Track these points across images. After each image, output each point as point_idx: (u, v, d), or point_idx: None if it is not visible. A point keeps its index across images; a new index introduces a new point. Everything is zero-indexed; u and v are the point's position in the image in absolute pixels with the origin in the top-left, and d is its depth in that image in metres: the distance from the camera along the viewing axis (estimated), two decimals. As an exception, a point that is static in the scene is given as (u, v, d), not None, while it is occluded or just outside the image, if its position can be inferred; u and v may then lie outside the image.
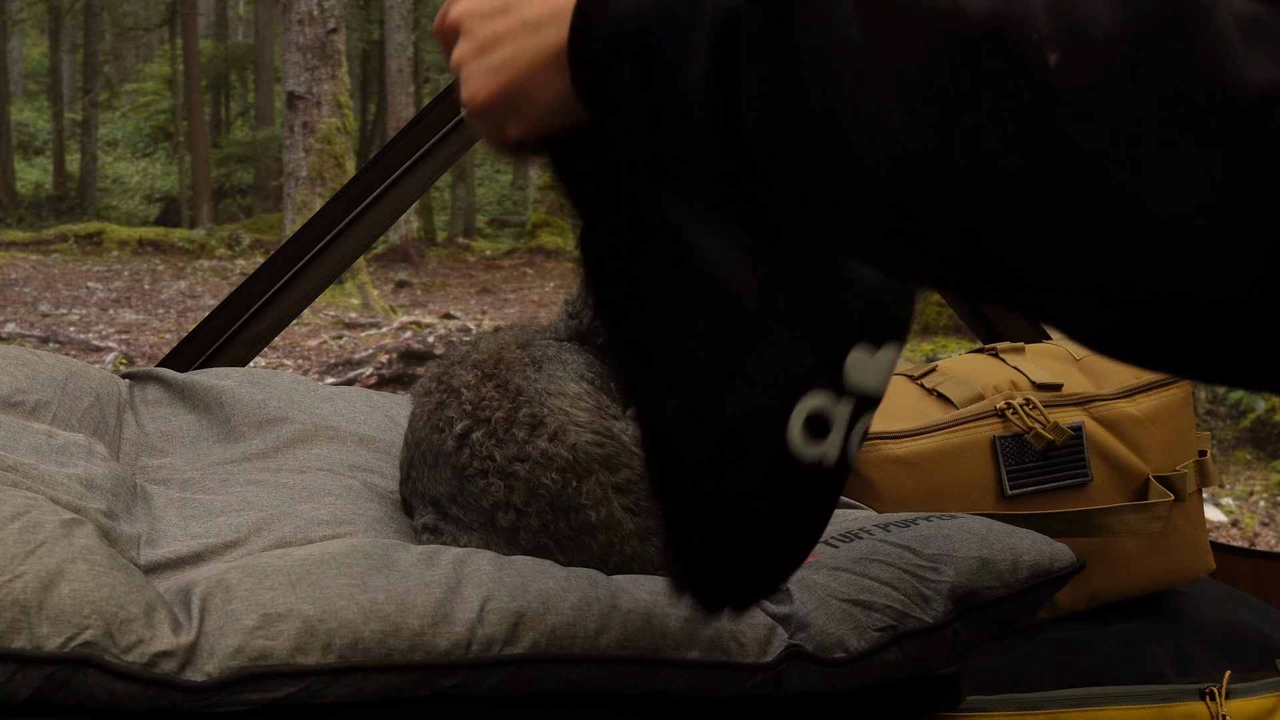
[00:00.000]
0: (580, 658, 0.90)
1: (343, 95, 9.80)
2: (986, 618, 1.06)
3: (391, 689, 0.86)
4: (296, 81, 9.65)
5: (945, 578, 1.04)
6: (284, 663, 0.84)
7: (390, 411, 1.48)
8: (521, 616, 0.89)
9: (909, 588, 1.02)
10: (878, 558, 1.06)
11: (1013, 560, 1.08)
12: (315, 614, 0.85)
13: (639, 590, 0.95)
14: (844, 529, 1.15)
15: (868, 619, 0.99)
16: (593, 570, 0.98)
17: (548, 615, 0.89)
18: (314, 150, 9.56)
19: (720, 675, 0.93)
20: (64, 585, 0.82)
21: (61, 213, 17.90)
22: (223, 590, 0.88)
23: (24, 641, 0.79)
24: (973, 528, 1.12)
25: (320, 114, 9.59)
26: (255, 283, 1.78)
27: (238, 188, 20.37)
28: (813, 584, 1.03)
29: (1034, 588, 1.09)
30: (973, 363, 1.62)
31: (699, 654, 0.92)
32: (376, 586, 0.89)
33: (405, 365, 6.03)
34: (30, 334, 6.97)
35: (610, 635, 0.90)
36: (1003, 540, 1.10)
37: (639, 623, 0.91)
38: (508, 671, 0.88)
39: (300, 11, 9.60)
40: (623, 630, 0.90)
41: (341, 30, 9.86)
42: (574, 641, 0.89)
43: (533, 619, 0.89)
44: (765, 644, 0.94)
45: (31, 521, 0.87)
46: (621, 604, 0.92)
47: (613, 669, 0.90)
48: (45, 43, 23.91)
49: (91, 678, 0.81)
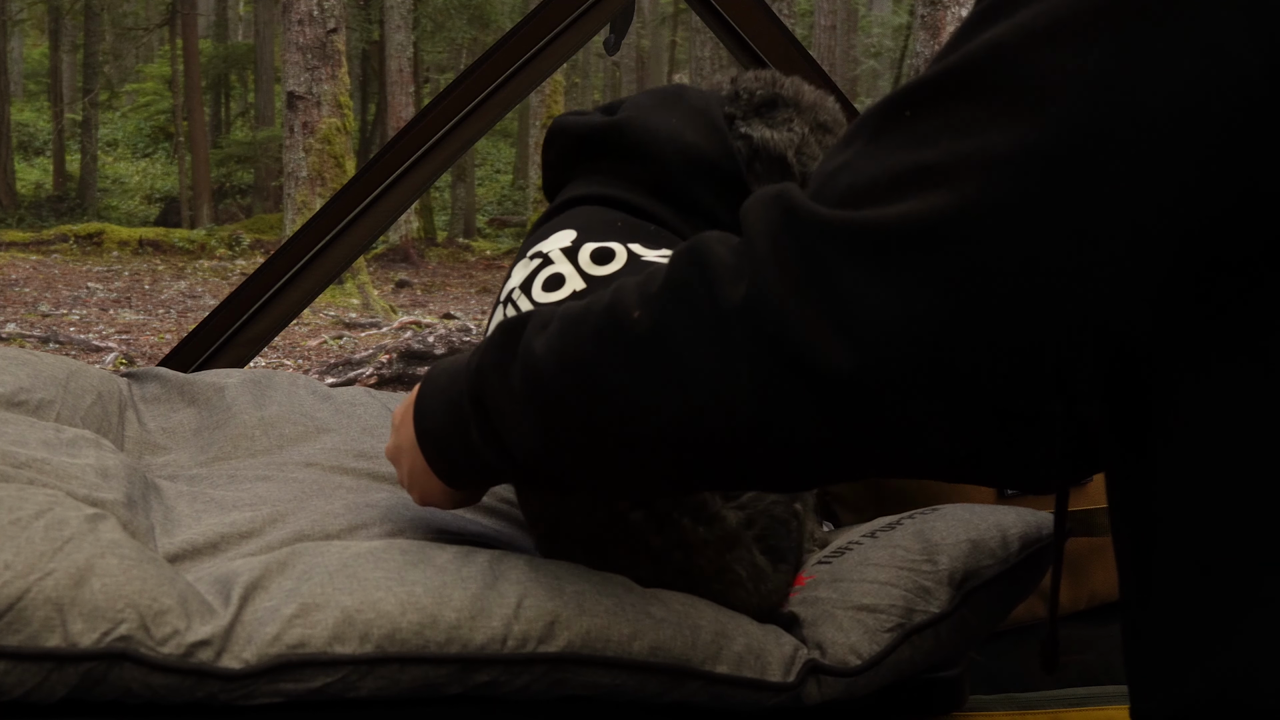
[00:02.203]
0: (612, 661, 0.89)
1: (343, 95, 9.80)
2: (990, 596, 1.07)
3: (426, 682, 0.86)
4: (296, 81, 9.65)
5: (942, 566, 1.04)
6: (321, 651, 0.83)
7: (391, 405, 1.48)
8: (557, 616, 0.88)
9: (910, 583, 1.02)
10: (873, 562, 1.06)
11: (1001, 536, 1.09)
12: (353, 604, 0.85)
13: (671, 599, 0.94)
14: (833, 547, 1.16)
15: (876, 621, 0.99)
16: (624, 577, 0.98)
17: (583, 616, 0.89)
18: (314, 150, 9.57)
19: (745, 692, 0.93)
20: (95, 580, 0.81)
21: (61, 213, 17.91)
22: (263, 583, 0.88)
23: (58, 640, 0.78)
24: (957, 514, 1.13)
25: (320, 114, 9.59)
26: (255, 283, 1.79)
27: (238, 188, 20.37)
28: (815, 600, 1.03)
29: (1029, 558, 1.10)
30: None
31: (727, 668, 0.92)
32: (414, 580, 0.88)
33: (405, 365, 6.02)
34: (30, 334, 6.98)
35: (643, 642, 0.89)
36: (988, 519, 1.12)
37: (670, 631, 0.90)
38: (540, 671, 0.88)
39: (300, 11, 9.60)
40: (655, 637, 0.90)
41: (341, 30, 9.86)
42: (607, 645, 0.88)
43: (568, 619, 0.88)
44: (790, 663, 0.94)
45: (56, 518, 0.86)
46: (655, 611, 0.91)
47: (641, 676, 0.90)
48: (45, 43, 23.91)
49: (128, 672, 0.80)
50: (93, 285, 10.29)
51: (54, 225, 15.26)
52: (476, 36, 16.92)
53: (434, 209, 18.28)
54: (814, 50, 17.40)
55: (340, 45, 9.79)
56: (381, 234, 2.09)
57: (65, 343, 6.77)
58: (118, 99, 23.33)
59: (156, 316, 8.60)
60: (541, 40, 1.76)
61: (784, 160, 1.27)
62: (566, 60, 1.88)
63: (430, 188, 3.03)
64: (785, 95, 1.31)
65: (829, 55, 19.36)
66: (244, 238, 14.06)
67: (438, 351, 6.02)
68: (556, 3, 1.76)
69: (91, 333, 7.40)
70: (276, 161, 16.31)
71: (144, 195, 20.69)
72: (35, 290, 9.58)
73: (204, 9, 23.15)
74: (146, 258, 12.99)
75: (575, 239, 1.14)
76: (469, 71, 1.78)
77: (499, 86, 1.77)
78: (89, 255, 12.91)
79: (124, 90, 23.83)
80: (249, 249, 13.63)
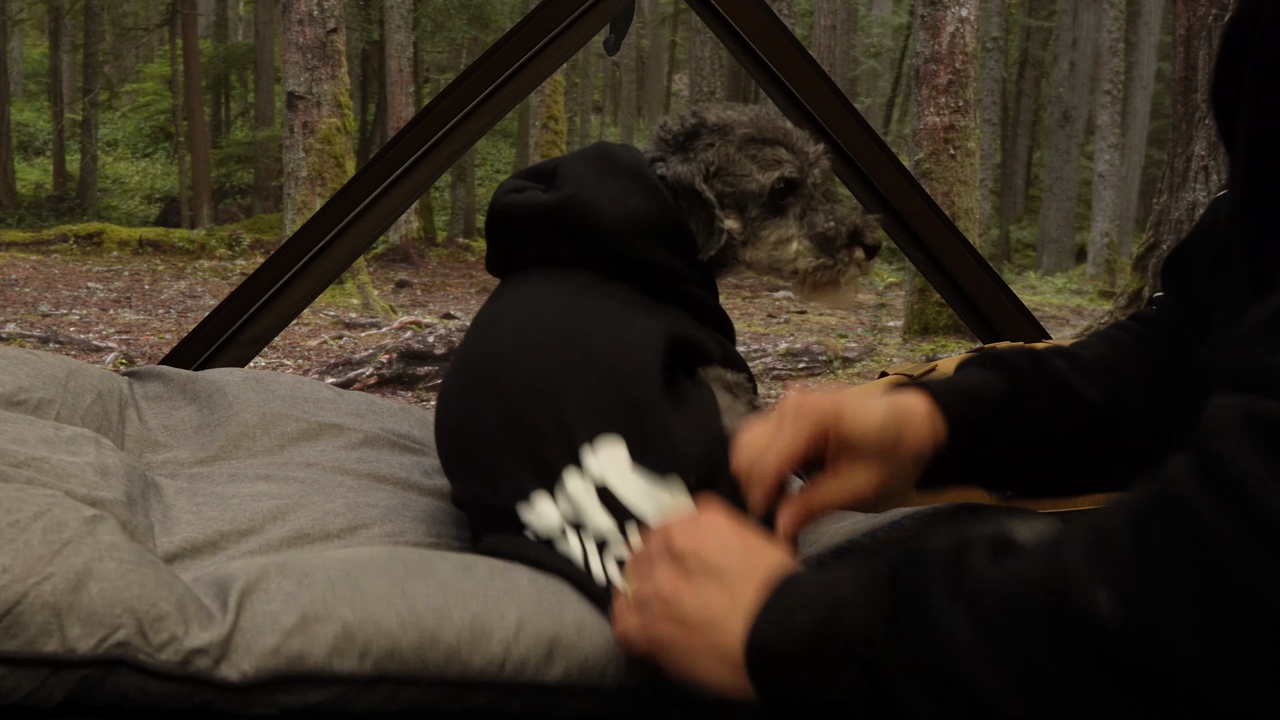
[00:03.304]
0: (611, 691, 0.88)
1: (343, 95, 9.80)
2: None
3: (422, 702, 0.85)
4: (296, 81, 9.65)
5: None
6: (320, 667, 0.82)
7: (392, 407, 1.48)
8: (556, 642, 0.87)
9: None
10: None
11: None
12: (354, 619, 0.84)
13: None
14: (833, 545, 1.16)
15: None
16: None
17: (582, 643, 0.88)
18: (314, 150, 9.56)
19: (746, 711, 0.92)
20: (93, 585, 0.80)
21: (61, 213, 17.90)
22: (262, 587, 0.86)
23: (56, 645, 0.77)
24: (948, 509, 1.14)
25: (320, 114, 9.59)
26: (255, 283, 1.78)
27: (238, 188, 20.37)
28: None
29: None
30: (973, 363, 1.61)
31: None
32: (416, 593, 0.87)
33: (405, 365, 6.02)
34: (30, 334, 6.97)
35: (641, 670, 0.88)
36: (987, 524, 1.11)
37: None
38: (536, 695, 0.87)
39: (300, 11, 9.59)
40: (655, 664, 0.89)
41: (341, 30, 9.86)
42: (604, 675, 0.88)
43: (567, 646, 0.87)
44: None
45: (54, 520, 0.85)
46: None
47: (638, 703, 0.89)
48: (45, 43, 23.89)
49: (125, 678, 0.79)
50: (93, 285, 10.29)
51: (54, 225, 15.26)
52: (476, 36, 16.92)
53: (434, 209, 18.28)
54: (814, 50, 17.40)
55: (340, 45, 9.79)
56: (381, 234, 2.09)
57: (65, 343, 6.77)
58: (118, 99, 23.33)
59: (156, 316, 8.59)
60: (541, 40, 1.76)
61: (692, 189, 1.28)
62: (566, 60, 1.88)
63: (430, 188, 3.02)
64: (708, 122, 1.31)
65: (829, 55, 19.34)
66: (244, 238, 14.06)
67: (438, 351, 6.02)
68: (556, 3, 1.75)
69: (91, 333, 7.40)
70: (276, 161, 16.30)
71: (144, 195, 20.68)
72: (35, 290, 9.58)
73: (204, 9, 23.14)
74: (146, 258, 12.98)
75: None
76: (469, 71, 1.78)
77: (499, 86, 1.77)
78: (89, 255, 12.91)
79: (124, 90, 23.83)
80: (249, 249, 13.63)
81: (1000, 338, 1.92)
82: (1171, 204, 5.76)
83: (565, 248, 1.21)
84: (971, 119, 8.65)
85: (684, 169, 1.28)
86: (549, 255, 1.22)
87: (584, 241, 1.20)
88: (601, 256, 1.20)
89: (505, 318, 1.19)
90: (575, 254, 1.20)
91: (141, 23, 21.11)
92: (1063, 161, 19.18)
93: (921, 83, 8.69)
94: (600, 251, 1.20)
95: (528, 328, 1.14)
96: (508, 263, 1.27)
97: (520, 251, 1.25)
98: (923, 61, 8.71)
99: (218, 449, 1.28)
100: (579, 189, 1.21)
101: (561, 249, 1.21)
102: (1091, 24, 18.54)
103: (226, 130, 22.99)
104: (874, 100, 24.22)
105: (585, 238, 1.20)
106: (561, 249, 1.21)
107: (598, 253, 1.20)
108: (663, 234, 1.22)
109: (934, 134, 8.60)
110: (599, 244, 1.20)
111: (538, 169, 1.30)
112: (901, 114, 23.42)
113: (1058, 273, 17.51)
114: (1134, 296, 6.16)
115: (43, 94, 24.73)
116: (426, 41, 17.43)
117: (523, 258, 1.25)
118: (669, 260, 1.22)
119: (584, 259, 1.20)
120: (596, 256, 1.20)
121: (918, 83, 8.76)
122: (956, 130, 8.57)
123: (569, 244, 1.20)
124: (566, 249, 1.21)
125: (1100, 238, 16.28)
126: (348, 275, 9.57)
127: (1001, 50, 19.21)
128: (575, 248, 1.20)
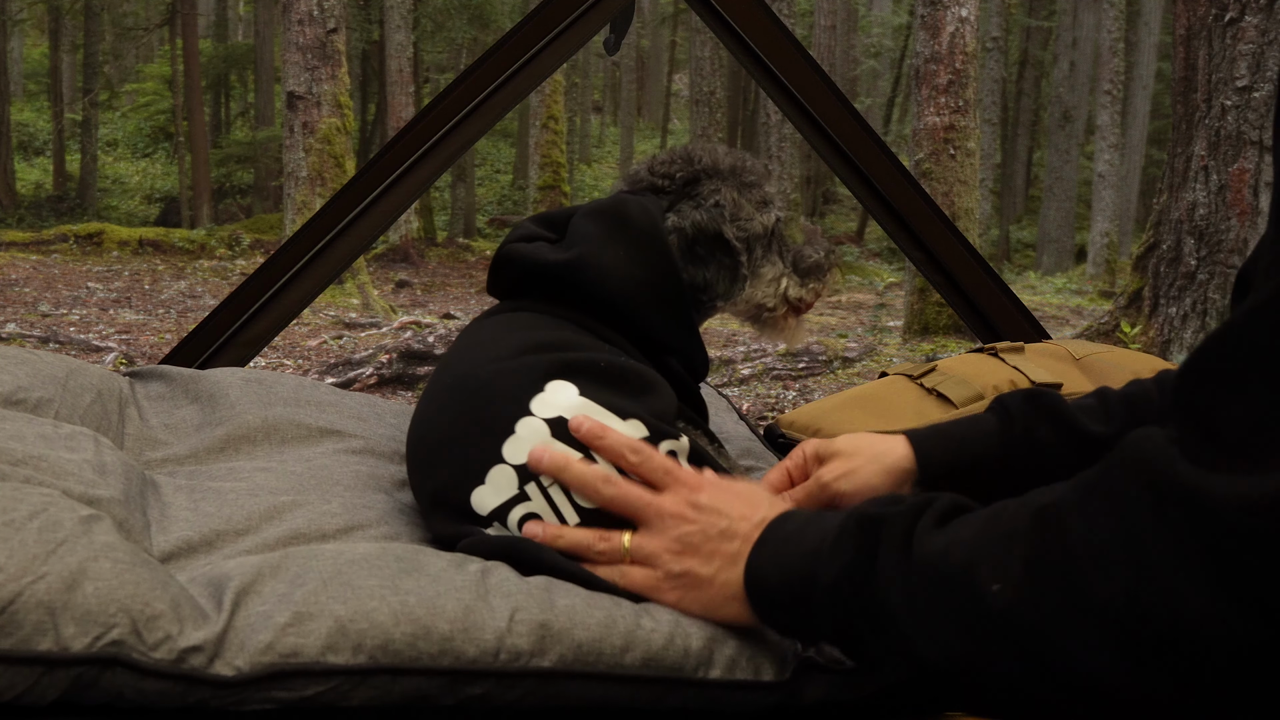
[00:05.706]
0: (605, 675, 0.89)
1: (343, 95, 9.80)
2: None
3: (419, 693, 0.85)
4: (296, 81, 9.65)
5: None
6: (314, 660, 0.82)
7: (390, 420, 1.48)
8: (548, 629, 0.88)
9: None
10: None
11: None
12: (347, 614, 0.84)
13: (661, 611, 0.94)
14: None
15: None
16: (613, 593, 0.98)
17: (574, 630, 0.89)
18: (314, 150, 9.56)
19: (740, 694, 0.92)
20: (88, 584, 0.80)
21: (61, 213, 17.91)
22: (255, 587, 0.87)
23: (50, 643, 0.78)
24: None
25: (320, 114, 9.59)
26: (255, 283, 1.78)
27: (238, 188, 20.37)
28: None
29: None
30: (972, 362, 1.62)
31: (720, 673, 0.91)
32: (408, 589, 0.88)
33: (405, 365, 6.02)
34: (30, 334, 6.97)
35: (635, 654, 0.89)
36: None
37: (662, 642, 0.90)
38: (533, 684, 0.87)
39: (300, 11, 9.59)
40: (647, 649, 0.89)
41: (341, 30, 9.86)
42: (599, 659, 0.88)
43: (559, 633, 0.88)
44: (782, 661, 0.94)
45: (50, 519, 0.86)
46: (645, 623, 0.91)
47: (634, 687, 0.90)
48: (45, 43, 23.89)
49: (120, 676, 0.79)
50: (93, 285, 10.29)
51: (54, 225, 15.26)
52: (476, 36, 16.92)
53: (434, 209, 18.27)
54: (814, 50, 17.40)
55: (340, 45, 9.79)
56: (381, 234, 2.09)
57: (65, 343, 6.77)
58: (118, 99, 23.32)
59: (156, 316, 8.59)
60: (541, 40, 1.76)
61: (719, 236, 1.30)
62: (566, 60, 1.88)
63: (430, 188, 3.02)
64: (705, 167, 1.33)
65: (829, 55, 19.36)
66: (244, 238, 14.06)
67: (438, 351, 6.02)
68: (556, 3, 1.75)
69: (91, 333, 7.40)
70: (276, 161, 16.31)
71: (144, 195, 20.68)
72: (35, 290, 9.58)
73: (204, 9, 23.14)
74: (146, 258, 12.98)
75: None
76: (469, 71, 1.78)
77: (499, 86, 1.77)
78: (89, 255, 12.91)
79: (124, 90, 23.83)
80: (249, 249, 13.63)
81: (1000, 338, 1.92)
82: (1171, 204, 5.76)
83: (564, 305, 1.22)
84: (971, 119, 8.66)
85: (704, 217, 1.29)
86: (548, 305, 1.23)
87: (584, 300, 1.22)
88: (599, 314, 1.22)
89: (488, 330, 1.21)
90: (574, 311, 1.22)
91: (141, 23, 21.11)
92: (1063, 161, 19.19)
93: (921, 83, 8.70)
94: (599, 311, 1.22)
95: (506, 339, 1.15)
96: (507, 295, 1.29)
97: (521, 295, 1.27)
98: (923, 61, 8.72)
99: (218, 447, 1.28)
100: (586, 251, 1.22)
101: (560, 306, 1.23)
102: (1091, 24, 18.55)
103: (226, 130, 22.99)
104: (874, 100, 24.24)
105: (586, 297, 1.21)
106: (560, 306, 1.23)
107: (596, 311, 1.22)
108: (662, 305, 1.24)
109: (934, 134, 8.60)
110: (599, 304, 1.22)
111: (550, 218, 1.31)
112: (901, 114, 23.42)
113: (1057, 273, 17.52)
114: (1134, 296, 6.16)
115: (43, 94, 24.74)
116: (426, 41, 17.43)
117: (522, 299, 1.27)
118: (661, 329, 1.24)
119: (582, 313, 1.22)
120: (594, 312, 1.22)
121: (918, 83, 8.76)
122: (956, 130, 8.58)
123: (569, 302, 1.22)
124: (565, 306, 1.22)
125: (1100, 238, 16.29)
126: (348, 275, 9.57)
127: (1001, 50, 19.21)
128: (575, 306, 1.22)
